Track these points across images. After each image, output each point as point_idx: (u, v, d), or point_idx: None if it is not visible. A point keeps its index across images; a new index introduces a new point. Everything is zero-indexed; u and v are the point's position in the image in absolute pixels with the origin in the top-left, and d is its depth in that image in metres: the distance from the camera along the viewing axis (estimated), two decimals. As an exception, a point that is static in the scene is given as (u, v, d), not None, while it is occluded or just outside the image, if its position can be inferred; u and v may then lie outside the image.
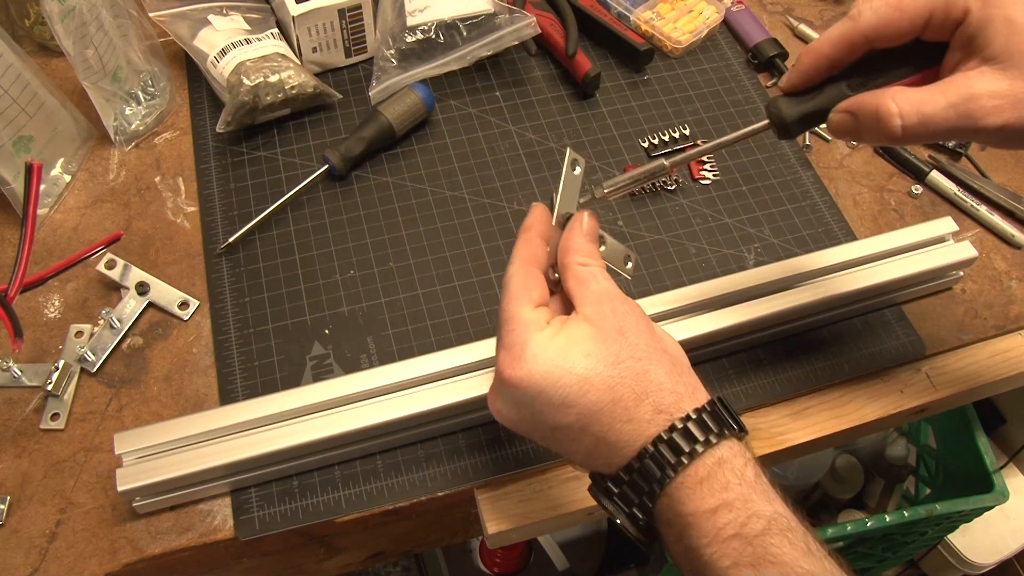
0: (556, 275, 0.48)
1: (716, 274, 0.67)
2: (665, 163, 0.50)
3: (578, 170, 0.51)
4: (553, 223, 0.49)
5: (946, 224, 0.66)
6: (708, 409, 0.42)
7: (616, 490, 0.43)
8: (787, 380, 0.63)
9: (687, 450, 0.41)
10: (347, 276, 0.67)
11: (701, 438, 0.41)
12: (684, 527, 0.41)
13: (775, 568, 0.38)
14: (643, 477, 0.42)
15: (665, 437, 0.41)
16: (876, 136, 0.43)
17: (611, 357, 0.43)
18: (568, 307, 0.46)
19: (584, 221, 0.48)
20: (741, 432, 0.43)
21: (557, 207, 0.49)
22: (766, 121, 0.48)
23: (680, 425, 0.41)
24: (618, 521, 0.44)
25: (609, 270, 0.48)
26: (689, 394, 0.43)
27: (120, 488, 0.52)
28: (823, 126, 0.47)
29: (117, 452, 0.53)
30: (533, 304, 0.45)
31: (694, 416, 0.41)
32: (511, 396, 0.44)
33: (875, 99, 0.42)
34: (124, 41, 0.73)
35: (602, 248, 0.50)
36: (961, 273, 0.68)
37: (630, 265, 0.52)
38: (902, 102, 0.41)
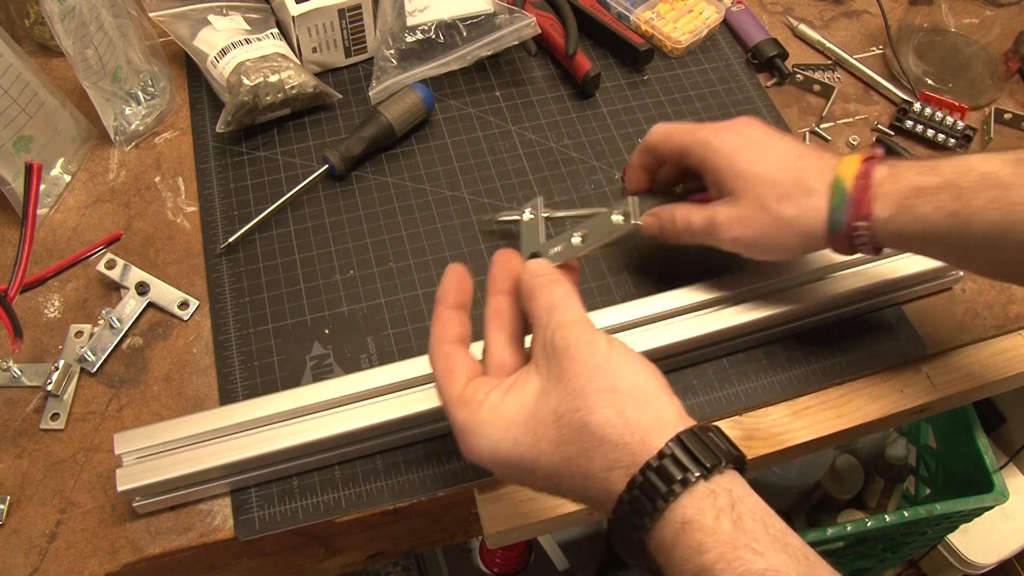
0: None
1: (716, 274, 0.67)
2: (639, 223, 0.60)
3: (528, 216, 0.61)
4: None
5: (946, 224, 0.66)
6: (667, 454, 0.38)
7: (617, 541, 0.42)
8: (787, 380, 0.63)
9: (649, 509, 0.38)
10: (347, 276, 0.67)
11: (660, 493, 0.38)
12: None
13: None
14: (622, 536, 0.40)
15: (626, 498, 0.39)
16: (671, 234, 0.59)
17: (551, 416, 0.41)
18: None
19: (528, 268, 0.48)
20: (713, 468, 0.38)
21: (523, 253, 0.56)
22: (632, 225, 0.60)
23: (640, 479, 0.38)
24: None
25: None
26: (640, 441, 0.39)
27: (120, 488, 0.52)
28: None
29: (117, 452, 0.53)
30: (460, 384, 0.44)
31: (642, 476, 0.38)
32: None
33: (671, 209, 0.59)
34: (124, 41, 0.73)
35: (574, 240, 0.57)
36: (961, 273, 0.68)
37: (617, 217, 0.60)
38: (681, 214, 0.58)
